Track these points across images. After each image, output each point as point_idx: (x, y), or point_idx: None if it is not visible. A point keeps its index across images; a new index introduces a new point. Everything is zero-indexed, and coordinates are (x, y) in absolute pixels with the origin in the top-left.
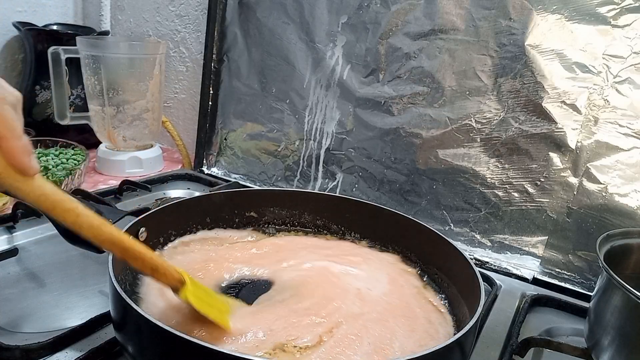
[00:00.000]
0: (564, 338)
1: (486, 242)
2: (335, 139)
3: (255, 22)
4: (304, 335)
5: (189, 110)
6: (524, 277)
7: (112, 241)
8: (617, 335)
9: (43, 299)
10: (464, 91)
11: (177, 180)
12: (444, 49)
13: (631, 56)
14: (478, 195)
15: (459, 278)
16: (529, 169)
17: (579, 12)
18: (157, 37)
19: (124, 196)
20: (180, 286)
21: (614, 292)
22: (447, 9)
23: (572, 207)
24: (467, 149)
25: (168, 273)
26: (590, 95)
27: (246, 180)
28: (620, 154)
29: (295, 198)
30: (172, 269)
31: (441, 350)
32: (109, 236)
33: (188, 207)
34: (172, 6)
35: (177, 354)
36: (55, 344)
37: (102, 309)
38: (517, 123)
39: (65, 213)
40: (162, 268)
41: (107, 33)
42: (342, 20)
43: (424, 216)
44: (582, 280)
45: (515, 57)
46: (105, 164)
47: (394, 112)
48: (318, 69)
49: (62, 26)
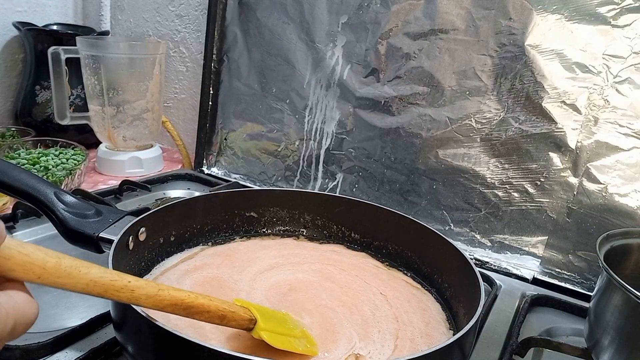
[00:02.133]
0: (564, 338)
1: (486, 242)
2: (335, 139)
3: (255, 22)
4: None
5: (189, 110)
6: (524, 277)
7: (174, 304)
8: (617, 335)
9: (43, 299)
10: (464, 91)
11: (177, 180)
12: (444, 49)
13: (631, 56)
14: (478, 195)
15: (459, 278)
16: (529, 169)
17: (579, 12)
18: (157, 37)
19: (124, 196)
20: (252, 325)
21: (614, 292)
22: (447, 9)
23: (572, 207)
24: (467, 149)
25: (237, 317)
26: (590, 95)
27: (246, 180)
28: (620, 154)
29: (295, 198)
30: (241, 311)
31: (441, 350)
32: (170, 300)
33: (188, 207)
34: (172, 6)
35: (177, 354)
36: (55, 344)
37: (102, 309)
38: (517, 123)
39: (119, 293)
40: (229, 314)
41: (107, 33)
42: (342, 20)
43: (424, 216)
44: (582, 280)
45: (515, 57)
46: (105, 164)
47: (394, 112)
48: (318, 69)
49: (62, 26)
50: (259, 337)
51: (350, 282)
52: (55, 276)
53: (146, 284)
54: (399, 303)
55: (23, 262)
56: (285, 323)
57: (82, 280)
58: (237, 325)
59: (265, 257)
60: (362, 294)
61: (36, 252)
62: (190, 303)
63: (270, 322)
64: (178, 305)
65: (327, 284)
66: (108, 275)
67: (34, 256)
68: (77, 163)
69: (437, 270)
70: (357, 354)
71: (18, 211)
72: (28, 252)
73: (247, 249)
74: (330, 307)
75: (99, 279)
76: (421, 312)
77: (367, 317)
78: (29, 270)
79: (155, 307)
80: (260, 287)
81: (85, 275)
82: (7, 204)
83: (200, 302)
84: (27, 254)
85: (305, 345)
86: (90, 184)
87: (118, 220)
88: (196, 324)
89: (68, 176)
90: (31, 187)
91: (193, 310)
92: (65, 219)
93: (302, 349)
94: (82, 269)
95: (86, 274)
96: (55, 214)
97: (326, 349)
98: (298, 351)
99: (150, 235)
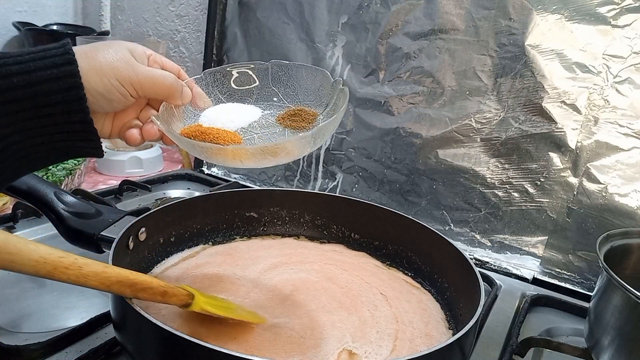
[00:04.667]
0: (564, 338)
1: (486, 242)
2: (335, 139)
3: (255, 22)
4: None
5: None
6: (524, 277)
7: (120, 281)
8: (617, 335)
9: (43, 299)
10: (464, 91)
11: (177, 180)
12: (444, 49)
13: (631, 56)
14: (478, 195)
15: (459, 278)
16: (529, 169)
17: (579, 12)
18: (157, 37)
19: (124, 196)
20: (191, 301)
21: (614, 292)
22: (447, 9)
23: (572, 207)
24: (467, 149)
25: (177, 292)
26: (590, 95)
27: (246, 180)
28: (620, 154)
29: (295, 198)
30: (179, 289)
31: (441, 350)
32: (116, 277)
33: (188, 207)
34: (172, 6)
35: (177, 354)
36: (55, 344)
37: (102, 309)
38: (517, 123)
39: (68, 271)
40: (170, 290)
41: (107, 33)
42: (342, 20)
43: (424, 216)
44: (582, 280)
45: (515, 57)
46: (105, 164)
47: (394, 112)
48: None
49: (62, 26)
50: (200, 309)
51: (351, 282)
52: (6, 252)
53: (92, 262)
54: (399, 303)
55: None
56: (223, 301)
57: (32, 256)
58: (177, 301)
59: (267, 256)
60: (363, 295)
61: None
62: (134, 280)
63: (210, 299)
64: (124, 283)
65: (328, 285)
66: (56, 252)
67: None
68: (77, 163)
69: (437, 270)
70: (349, 350)
71: (18, 211)
72: None
73: (249, 248)
74: (328, 309)
75: (47, 255)
76: (421, 312)
77: (366, 318)
78: None
79: (102, 285)
80: (263, 287)
81: (34, 252)
82: (7, 204)
83: (143, 279)
84: None
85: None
86: (90, 184)
87: (118, 220)
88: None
89: (68, 176)
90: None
91: (137, 286)
92: (65, 219)
93: (247, 317)
94: (31, 245)
95: (35, 250)
96: (55, 213)
97: (314, 346)
98: (242, 318)
99: (150, 235)
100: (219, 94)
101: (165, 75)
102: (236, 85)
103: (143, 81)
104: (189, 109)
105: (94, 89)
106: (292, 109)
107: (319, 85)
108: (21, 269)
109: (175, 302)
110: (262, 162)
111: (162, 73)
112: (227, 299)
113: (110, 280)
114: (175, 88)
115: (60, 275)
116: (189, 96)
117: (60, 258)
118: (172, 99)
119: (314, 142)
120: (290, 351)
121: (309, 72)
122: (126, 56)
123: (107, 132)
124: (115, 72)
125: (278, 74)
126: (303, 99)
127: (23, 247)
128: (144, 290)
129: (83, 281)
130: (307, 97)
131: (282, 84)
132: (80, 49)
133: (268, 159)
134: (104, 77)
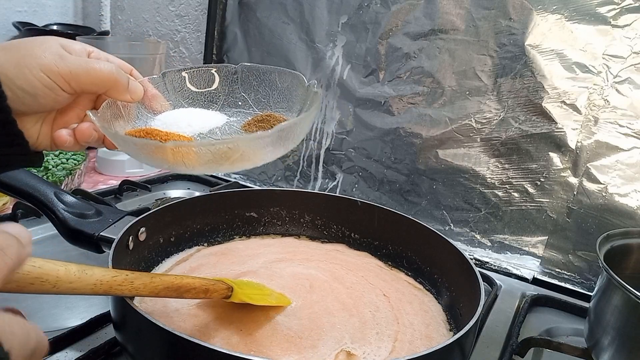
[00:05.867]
0: (564, 338)
1: (486, 242)
2: (335, 139)
3: (255, 22)
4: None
5: None
6: (524, 277)
7: (167, 287)
8: (617, 335)
9: (43, 299)
10: (464, 91)
11: (177, 180)
12: (444, 49)
13: (631, 56)
14: (478, 195)
15: (459, 278)
16: (529, 169)
17: (579, 12)
18: (157, 37)
19: (124, 196)
20: (230, 293)
21: (614, 292)
22: (447, 9)
23: (572, 207)
24: (467, 149)
25: (218, 287)
26: (590, 95)
27: (246, 180)
28: (620, 154)
29: (295, 198)
30: (219, 283)
31: (441, 350)
32: (163, 285)
33: (188, 207)
34: (172, 6)
35: (176, 354)
36: (55, 344)
37: (102, 309)
38: (517, 123)
39: (121, 287)
40: (211, 286)
41: (107, 33)
42: (342, 20)
43: (424, 216)
44: (582, 280)
45: (515, 57)
46: (105, 163)
47: (394, 112)
48: (318, 69)
49: (62, 26)
50: (240, 300)
51: (355, 283)
52: (68, 282)
53: (141, 274)
54: (401, 305)
55: (39, 275)
56: (256, 286)
57: (90, 282)
58: (218, 295)
59: (268, 253)
60: (366, 296)
61: (47, 264)
62: (179, 283)
63: (245, 288)
64: (170, 288)
65: (335, 285)
66: (110, 273)
67: (46, 268)
68: (77, 163)
69: (437, 270)
70: (347, 351)
71: (18, 211)
72: (40, 264)
73: (247, 247)
74: (330, 311)
75: (102, 277)
76: (422, 314)
77: (367, 320)
78: (45, 281)
79: (152, 293)
80: (279, 275)
81: (92, 277)
82: (7, 204)
83: (187, 282)
84: (40, 267)
85: (277, 298)
86: (90, 184)
87: (118, 220)
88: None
89: (68, 176)
90: (31, 187)
91: (182, 289)
92: (65, 219)
93: (276, 301)
94: (88, 271)
95: (92, 275)
96: (55, 213)
97: (312, 346)
98: (272, 304)
99: (150, 235)
100: (181, 99)
101: (104, 64)
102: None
103: (75, 72)
104: (143, 112)
105: (14, 83)
106: (259, 114)
107: (293, 90)
108: (81, 293)
109: (217, 297)
110: (212, 166)
111: (100, 62)
112: (261, 283)
113: (158, 288)
114: (116, 79)
115: (115, 292)
116: (139, 92)
117: (113, 278)
118: (116, 93)
119: (277, 144)
120: (287, 349)
121: (282, 75)
122: (54, 48)
123: (46, 140)
124: (39, 62)
125: (248, 78)
126: (274, 105)
127: (81, 274)
128: (188, 292)
129: (135, 293)
130: (279, 103)
131: (253, 89)
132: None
133: (219, 163)
134: (24, 68)
